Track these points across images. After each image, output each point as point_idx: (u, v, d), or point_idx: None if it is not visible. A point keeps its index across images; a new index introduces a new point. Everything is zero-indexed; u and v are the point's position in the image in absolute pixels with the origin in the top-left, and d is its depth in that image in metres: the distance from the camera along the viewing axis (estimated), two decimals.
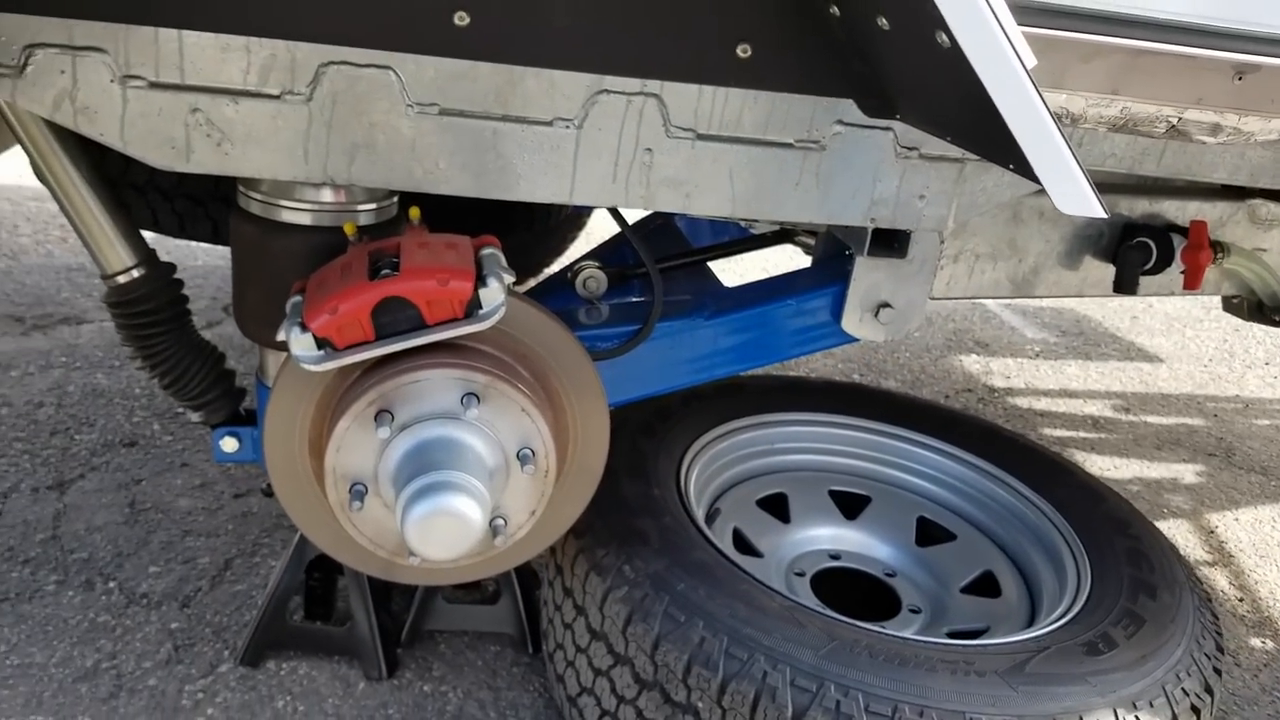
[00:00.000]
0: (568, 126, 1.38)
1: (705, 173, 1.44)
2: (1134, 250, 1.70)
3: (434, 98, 1.34)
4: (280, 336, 1.25)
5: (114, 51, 1.27)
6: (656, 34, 1.33)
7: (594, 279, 1.70)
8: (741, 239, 1.89)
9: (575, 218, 3.20)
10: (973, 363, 3.62)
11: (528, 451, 1.30)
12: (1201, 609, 1.67)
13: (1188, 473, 2.99)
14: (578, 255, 1.79)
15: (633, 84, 1.38)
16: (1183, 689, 1.48)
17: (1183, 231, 1.78)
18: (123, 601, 1.91)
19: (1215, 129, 1.24)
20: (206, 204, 2.04)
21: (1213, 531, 2.68)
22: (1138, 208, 1.78)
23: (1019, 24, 1.00)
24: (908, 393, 3.05)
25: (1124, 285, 1.72)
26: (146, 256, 1.50)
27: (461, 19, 1.28)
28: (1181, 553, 1.85)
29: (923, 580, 1.95)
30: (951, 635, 1.77)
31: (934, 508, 2.07)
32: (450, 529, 1.19)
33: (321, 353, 1.24)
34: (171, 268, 1.54)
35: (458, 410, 1.26)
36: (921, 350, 3.66)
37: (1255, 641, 2.26)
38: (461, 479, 1.21)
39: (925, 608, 1.88)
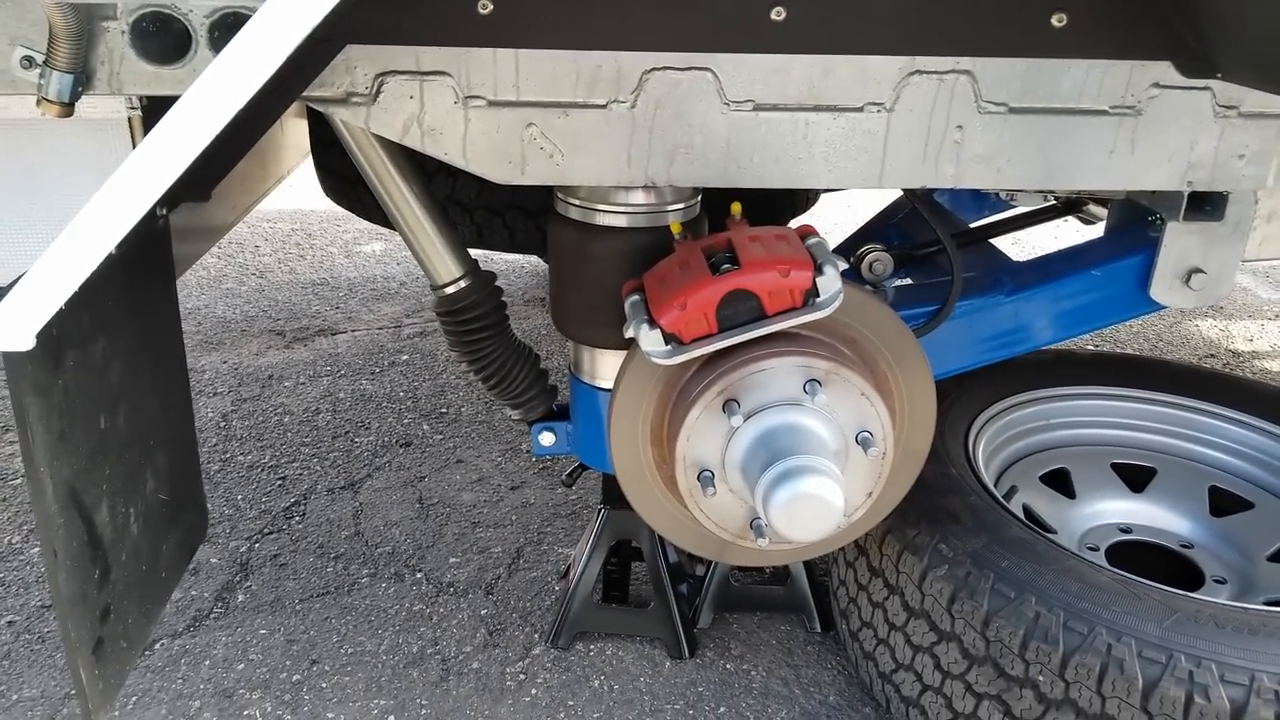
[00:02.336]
0: (879, 110, 1.39)
1: (1017, 146, 1.42)
2: None
3: (749, 94, 1.38)
4: (629, 334, 1.32)
5: (457, 74, 1.36)
6: (969, 10, 1.33)
7: (880, 262, 1.71)
8: (1030, 212, 1.86)
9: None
10: (1210, 327, 3.44)
11: (867, 434, 1.33)
12: None
13: None
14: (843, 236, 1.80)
15: (945, 63, 1.38)
16: None
17: None
18: (432, 591, 2.05)
19: None
20: (504, 214, 2.16)
21: None
22: None
23: None
24: (1185, 360, 2.93)
25: None
26: (471, 268, 1.60)
27: (779, 14, 1.32)
28: None
29: (1223, 551, 1.88)
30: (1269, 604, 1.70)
31: (1226, 477, 1.98)
32: (815, 511, 1.23)
33: (669, 347, 1.30)
34: (493, 276, 1.64)
35: (802, 397, 1.30)
36: (1155, 317, 3.49)
37: None
38: (821, 464, 1.25)
39: (1231, 578, 1.81)
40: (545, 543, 2.18)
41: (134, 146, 1.41)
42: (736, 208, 1.44)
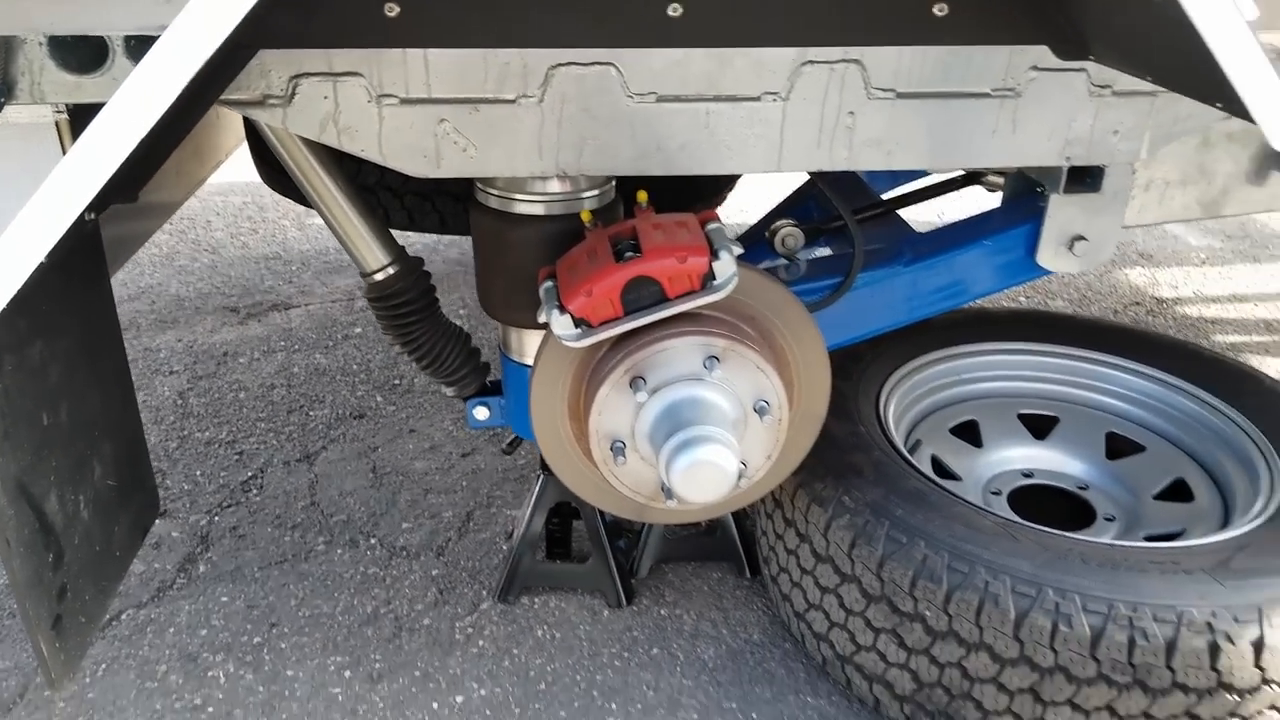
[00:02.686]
0: (775, 99, 1.49)
1: (906, 129, 1.53)
2: None
3: (652, 87, 1.47)
4: (541, 319, 1.43)
5: (369, 74, 1.44)
6: (857, 2, 1.43)
7: (792, 236, 1.82)
8: (933, 185, 1.97)
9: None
10: (1139, 275, 3.59)
11: (764, 403, 1.46)
12: None
13: None
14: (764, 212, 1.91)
15: (835, 53, 1.47)
16: None
17: None
18: (385, 555, 2.17)
19: None
20: (433, 199, 2.24)
21: None
22: None
23: None
24: (1087, 315, 3.07)
25: None
26: (398, 254, 1.70)
27: (675, 10, 1.40)
28: None
29: (1115, 491, 2.04)
30: (1148, 539, 1.86)
31: (1122, 423, 2.14)
32: (711, 476, 1.36)
33: (579, 330, 1.41)
34: (420, 262, 1.73)
35: (702, 372, 1.42)
36: (1150, 226, 3.64)
37: None
38: (717, 433, 1.37)
39: (1120, 516, 1.97)
40: (494, 506, 2.31)
41: (63, 148, 1.49)
42: (643, 196, 1.54)
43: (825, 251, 1.93)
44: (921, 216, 2.56)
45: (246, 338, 3.12)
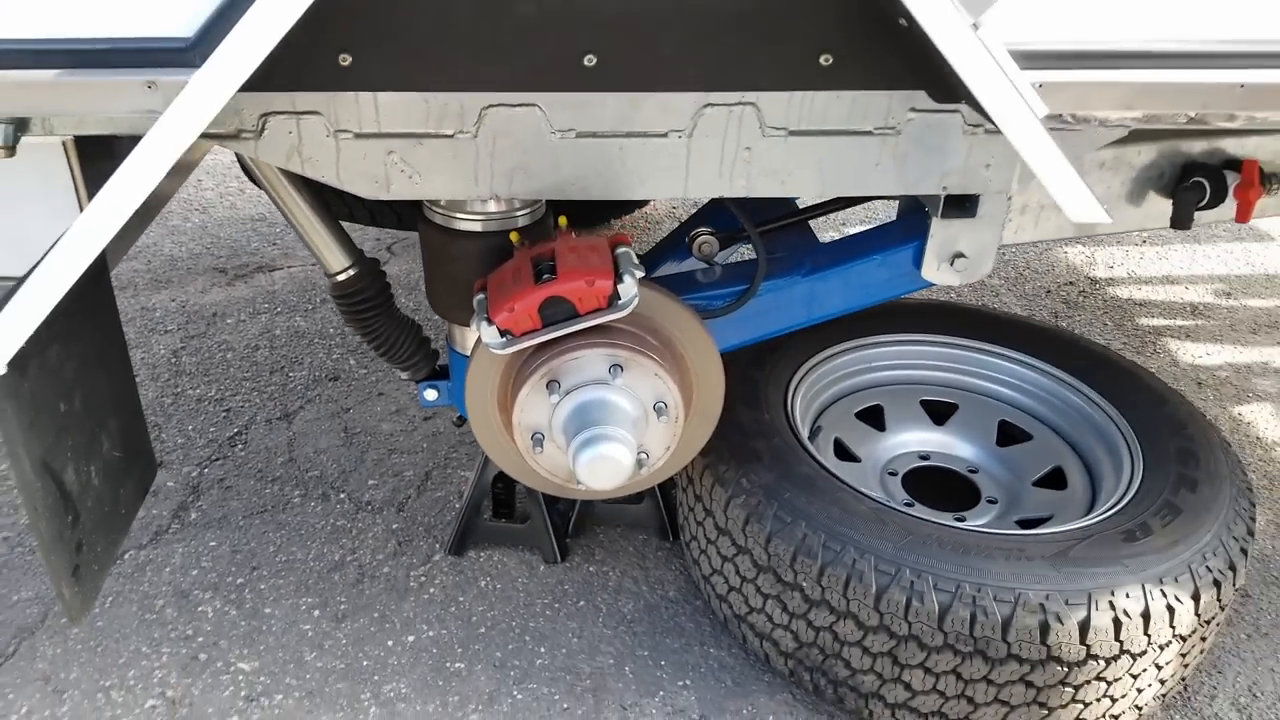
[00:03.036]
0: (680, 136, 1.69)
1: (797, 162, 1.72)
2: (1189, 190, 1.92)
3: (571, 124, 1.68)
4: (472, 329, 1.66)
5: (327, 112, 1.65)
6: (750, 54, 1.62)
7: (708, 243, 2.04)
8: (838, 199, 2.17)
9: None
10: (1077, 254, 3.79)
11: (662, 404, 1.70)
12: (1239, 498, 1.95)
13: (1279, 356, 3.15)
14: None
15: (732, 97, 1.66)
16: (1206, 567, 1.79)
17: (1238, 166, 1.97)
18: (353, 509, 2.44)
19: (1231, 118, 1.47)
20: (392, 201, 2.44)
21: None
22: (1197, 146, 1.98)
23: (1041, 67, 1.27)
24: (990, 309, 3.28)
25: (1180, 222, 1.95)
26: (357, 258, 1.92)
27: (590, 61, 1.60)
28: (1231, 448, 2.10)
29: (1001, 475, 2.28)
30: (1021, 522, 2.11)
31: (1014, 412, 2.37)
32: (609, 469, 1.61)
33: (504, 339, 1.64)
34: (376, 262, 1.96)
35: (607, 377, 1.66)
36: (1029, 244, 3.83)
37: None
38: (615, 432, 1.61)
39: (1001, 499, 2.22)
40: (450, 467, 2.57)
41: (69, 164, 1.71)
42: (563, 221, 1.76)
43: (746, 253, 2.16)
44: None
45: (234, 299, 3.35)
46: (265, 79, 1.57)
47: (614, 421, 1.65)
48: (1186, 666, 1.89)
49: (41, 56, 1.32)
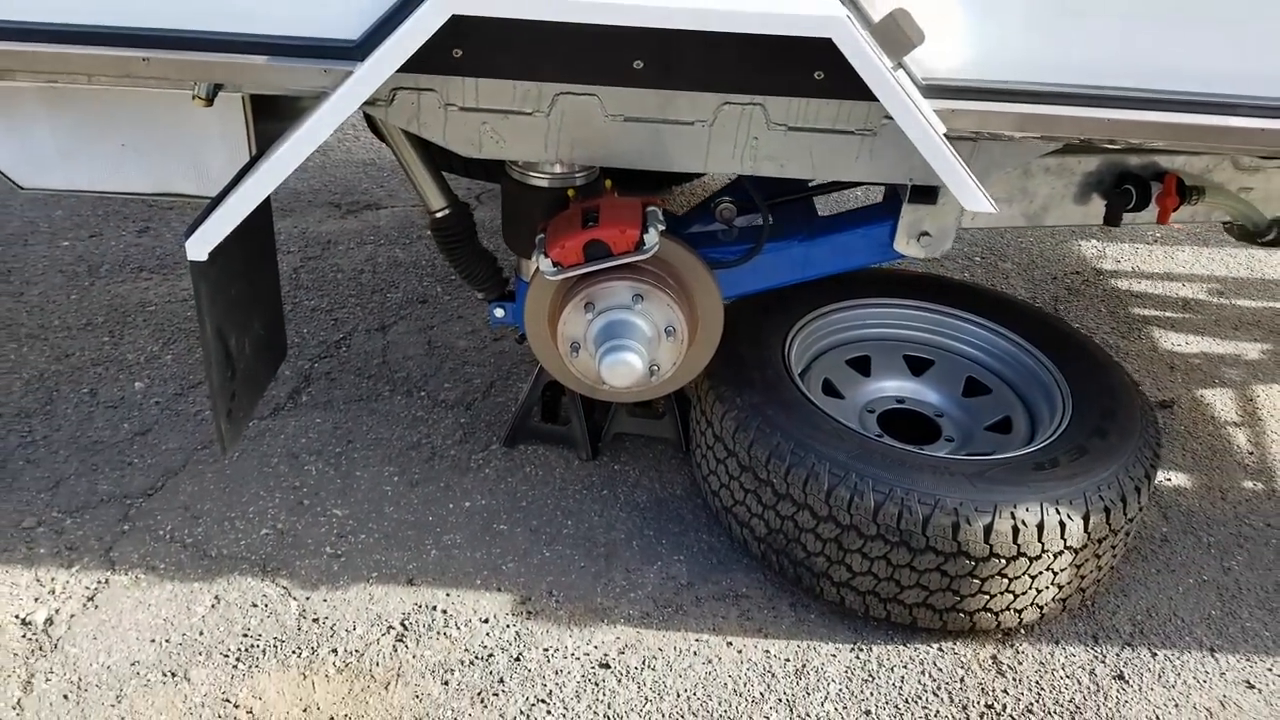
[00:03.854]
0: (703, 125, 2.18)
1: (793, 151, 2.18)
2: (1118, 195, 2.34)
3: (621, 110, 2.17)
4: (532, 259, 2.20)
5: (440, 90, 2.18)
6: (760, 69, 2.10)
7: (727, 209, 2.53)
8: (836, 182, 2.64)
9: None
10: (1090, 247, 4.17)
11: (671, 328, 2.22)
12: (1143, 449, 2.39)
13: (1253, 350, 3.52)
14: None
15: (745, 98, 2.14)
16: (1099, 495, 2.24)
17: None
18: (430, 404, 3.02)
19: (1111, 141, 1.91)
20: (483, 159, 2.99)
21: (1252, 399, 3.26)
22: (1134, 160, 2.40)
23: (951, 98, 1.75)
24: (975, 283, 3.68)
25: (1111, 219, 2.38)
26: (453, 200, 2.47)
27: (639, 64, 2.09)
28: (1151, 411, 2.54)
29: (961, 420, 2.75)
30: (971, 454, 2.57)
31: (980, 370, 2.83)
32: (624, 370, 2.14)
33: (556, 269, 2.17)
34: (467, 205, 2.51)
35: (630, 303, 2.19)
36: (1047, 234, 4.22)
37: (1247, 484, 2.91)
38: (632, 344, 2.14)
39: (958, 438, 2.68)
40: (511, 379, 3.13)
41: (246, 115, 2.29)
42: (609, 183, 2.28)
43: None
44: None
45: (345, 230, 3.96)
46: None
47: (632, 337, 2.17)
48: (1083, 578, 2.34)
49: (251, 46, 1.88)
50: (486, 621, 2.34)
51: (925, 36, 1.77)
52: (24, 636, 2.23)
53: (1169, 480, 2.90)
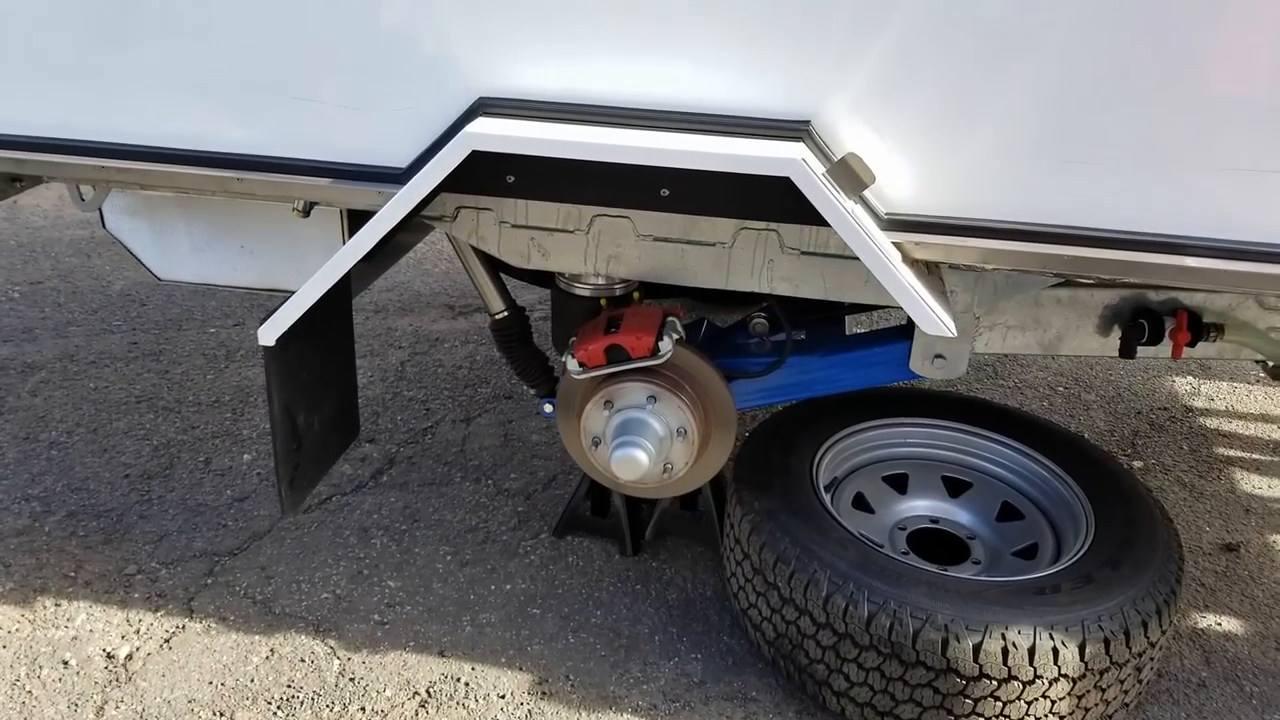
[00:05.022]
0: (724, 246, 2.39)
1: (807, 274, 2.36)
2: (1133, 328, 2.38)
3: (651, 231, 2.41)
4: (564, 359, 2.44)
5: (496, 209, 2.49)
6: (774, 202, 2.30)
7: (760, 324, 2.71)
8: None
9: None
10: (1184, 384, 4.06)
11: (684, 429, 2.39)
12: (1159, 583, 2.35)
13: None
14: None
15: (761, 224, 2.34)
16: (1099, 625, 2.23)
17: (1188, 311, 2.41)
18: (494, 491, 3.27)
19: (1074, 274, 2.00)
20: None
21: None
22: (1153, 295, 2.44)
23: (916, 232, 1.90)
24: (1018, 409, 3.66)
25: (1125, 352, 2.41)
26: (510, 304, 2.76)
27: (665, 193, 2.34)
28: (1177, 546, 2.49)
29: (992, 543, 2.76)
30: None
31: (1016, 495, 2.84)
32: (630, 466, 2.33)
33: (581, 369, 2.41)
34: (523, 310, 2.79)
35: (645, 404, 2.39)
36: (1140, 367, 4.15)
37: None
38: (640, 441, 2.33)
39: (985, 560, 2.70)
40: (572, 474, 3.35)
41: (342, 225, 2.67)
42: (637, 295, 2.51)
43: (800, 336, 2.81)
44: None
45: (454, 330, 4.35)
46: (461, 184, 2.45)
47: (643, 434, 2.36)
48: (1086, 711, 2.30)
49: (321, 170, 2.25)
50: (503, 697, 2.51)
51: (875, 177, 1.94)
52: (106, 668, 2.56)
53: (1218, 624, 2.79)
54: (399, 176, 2.20)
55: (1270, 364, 2.52)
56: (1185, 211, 1.86)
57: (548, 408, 2.86)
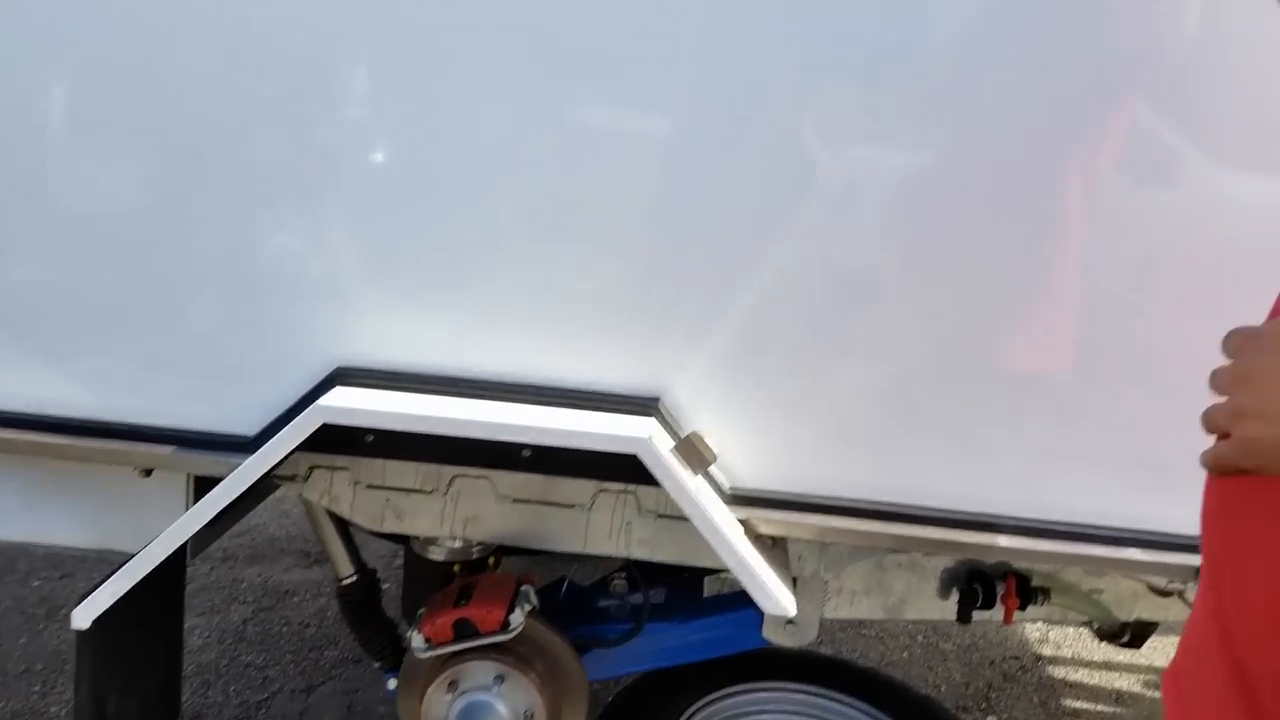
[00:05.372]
0: (582, 509, 2.40)
1: (664, 539, 2.38)
2: (967, 592, 2.48)
3: (511, 492, 2.40)
4: (408, 634, 2.35)
5: (352, 469, 2.45)
6: (627, 468, 2.35)
7: (620, 585, 2.68)
8: None
9: None
10: (1034, 630, 4.19)
11: (530, 712, 2.30)
12: None
13: None
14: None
15: (619, 486, 2.36)
16: None
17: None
18: None
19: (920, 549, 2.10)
20: None
21: None
22: (986, 559, 2.56)
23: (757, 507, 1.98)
24: (877, 670, 3.63)
25: (962, 617, 2.49)
26: (360, 567, 2.66)
27: (526, 453, 2.36)
28: None
29: None
30: None
31: None
32: None
33: (426, 645, 2.31)
34: (374, 573, 2.70)
35: (491, 684, 2.30)
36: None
37: None
38: None
39: None
40: None
41: (188, 486, 2.57)
42: (492, 561, 2.48)
43: (659, 598, 2.79)
44: None
45: (307, 580, 4.14)
46: (317, 444, 2.41)
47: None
48: None
49: (161, 437, 2.20)
50: None
51: (717, 456, 2.03)
52: None
53: None
54: (246, 445, 2.16)
55: (1096, 626, 2.64)
56: (999, 492, 2.01)
57: (391, 683, 2.71)
